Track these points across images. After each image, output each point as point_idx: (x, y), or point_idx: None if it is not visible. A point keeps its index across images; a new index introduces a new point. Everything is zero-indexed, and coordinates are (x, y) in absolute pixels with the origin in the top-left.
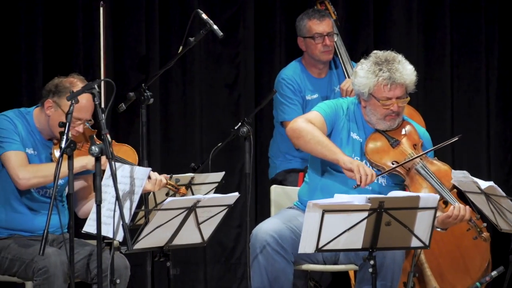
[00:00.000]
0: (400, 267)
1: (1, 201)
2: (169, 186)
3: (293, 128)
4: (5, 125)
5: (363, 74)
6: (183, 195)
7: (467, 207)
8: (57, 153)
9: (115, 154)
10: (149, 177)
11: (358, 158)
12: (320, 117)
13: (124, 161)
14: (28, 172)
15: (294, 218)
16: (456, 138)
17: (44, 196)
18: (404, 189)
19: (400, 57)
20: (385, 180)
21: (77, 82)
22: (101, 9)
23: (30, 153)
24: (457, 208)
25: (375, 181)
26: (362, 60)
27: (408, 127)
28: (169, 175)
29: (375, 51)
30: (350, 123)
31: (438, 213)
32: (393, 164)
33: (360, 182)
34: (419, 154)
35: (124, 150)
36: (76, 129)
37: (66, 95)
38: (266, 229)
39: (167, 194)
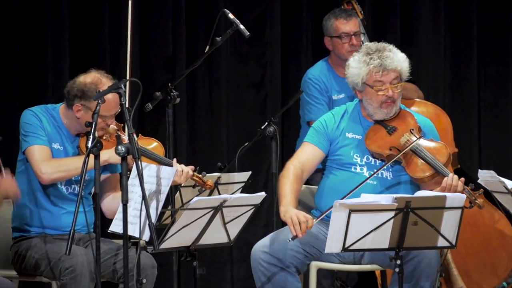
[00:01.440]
0: (434, 272)
1: (29, 198)
2: (195, 178)
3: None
4: (30, 119)
5: (354, 65)
6: (210, 187)
7: (461, 178)
8: (84, 144)
9: (142, 147)
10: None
11: (359, 156)
12: (310, 146)
13: (151, 154)
14: (51, 166)
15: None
16: None
17: (72, 194)
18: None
19: (391, 47)
20: (390, 173)
21: (101, 79)
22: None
23: (57, 148)
24: (450, 177)
25: (380, 175)
26: (354, 53)
27: (404, 114)
28: (195, 168)
29: (366, 43)
30: (350, 124)
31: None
32: (391, 149)
33: (296, 233)
34: (417, 138)
35: (151, 143)
36: (109, 123)
37: (93, 96)
38: (256, 248)
39: (194, 186)
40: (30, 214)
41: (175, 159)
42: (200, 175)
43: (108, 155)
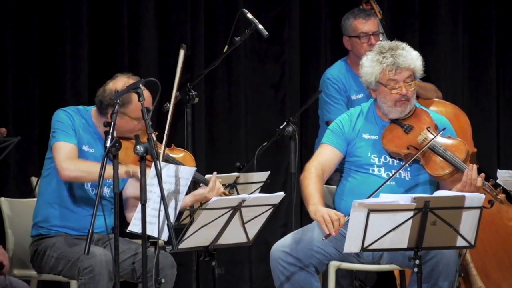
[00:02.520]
0: (453, 272)
1: (54, 197)
2: (225, 193)
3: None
4: (62, 118)
5: (368, 64)
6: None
7: (481, 174)
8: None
9: (174, 159)
10: (206, 184)
11: (376, 156)
12: (328, 147)
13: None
14: (73, 164)
15: (313, 228)
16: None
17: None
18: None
19: (404, 45)
20: (408, 173)
21: (130, 82)
22: (181, 51)
23: (86, 150)
24: (470, 168)
25: (397, 175)
26: (368, 52)
27: (420, 112)
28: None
29: (379, 42)
30: (366, 125)
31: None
32: (408, 148)
33: (329, 231)
34: (435, 135)
35: (181, 154)
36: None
37: (127, 103)
38: (275, 247)
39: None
40: (53, 213)
41: (214, 172)
42: (228, 193)
43: (133, 169)
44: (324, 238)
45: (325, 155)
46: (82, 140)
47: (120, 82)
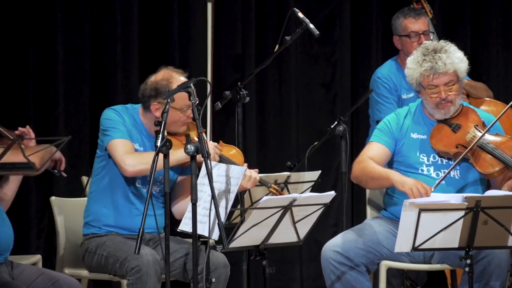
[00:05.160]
0: (505, 272)
1: (106, 196)
2: (275, 188)
3: (353, 177)
4: (112, 116)
5: (410, 65)
6: (273, 194)
7: None
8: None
9: (228, 158)
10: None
11: (425, 155)
12: (377, 145)
13: (230, 162)
14: (135, 158)
15: (364, 228)
16: None
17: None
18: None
19: (448, 46)
20: (457, 172)
21: (171, 74)
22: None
23: (137, 148)
24: None
25: (448, 175)
26: (413, 51)
27: (467, 110)
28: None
29: (425, 42)
30: (414, 124)
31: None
32: (457, 147)
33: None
34: (483, 133)
35: (230, 151)
36: (189, 115)
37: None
38: (327, 247)
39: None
40: (104, 212)
41: (245, 164)
42: (265, 179)
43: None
44: None
45: (374, 151)
46: (132, 139)
47: (160, 74)
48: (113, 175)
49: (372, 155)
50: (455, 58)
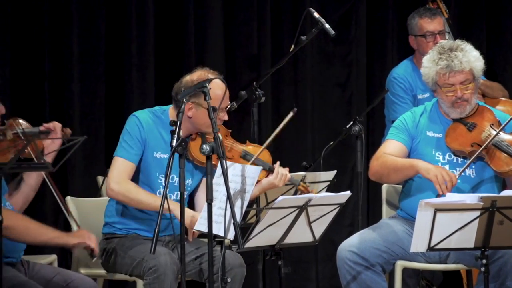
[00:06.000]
0: None
1: None
2: (304, 186)
3: (371, 173)
4: (132, 128)
5: (426, 64)
6: (302, 192)
7: None
8: (195, 149)
9: (263, 161)
10: (272, 171)
11: (441, 154)
12: (394, 142)
13: (259, 162)
14: (121, 186)
15: (379, 228)
16: None
17: (177, 200)
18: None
19: (463, 45)
20: (473, 171)
21: (207, 75)
22: (291, 113)
23: (158, 157)
24: None
25: (463, 173)
26: (429, 50)
27: (483, 109)
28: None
29: (441, 41)
30: (430, 122)
31: None
32: (472, 146)
33: (442, 191)
34: (497, 130)
35: (257, 150)
36: (222, 118)
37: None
38: (342, 247)
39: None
40: (126, 213)
41: (278, 162)
42: (306, 184)
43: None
44: (436, 197)
45: (391, 148)
46: (153, 148)
47: (196, 74)
48: (135, 177)
49: (389, 152)
50: (471, 57)
